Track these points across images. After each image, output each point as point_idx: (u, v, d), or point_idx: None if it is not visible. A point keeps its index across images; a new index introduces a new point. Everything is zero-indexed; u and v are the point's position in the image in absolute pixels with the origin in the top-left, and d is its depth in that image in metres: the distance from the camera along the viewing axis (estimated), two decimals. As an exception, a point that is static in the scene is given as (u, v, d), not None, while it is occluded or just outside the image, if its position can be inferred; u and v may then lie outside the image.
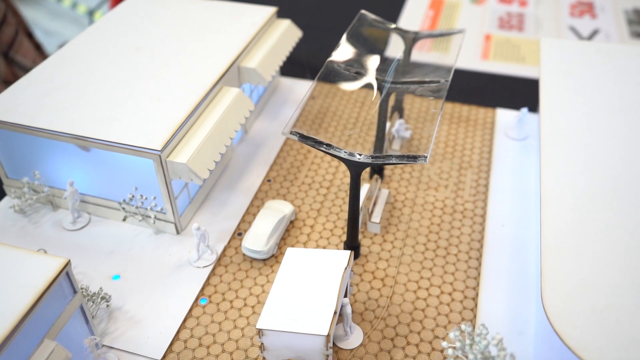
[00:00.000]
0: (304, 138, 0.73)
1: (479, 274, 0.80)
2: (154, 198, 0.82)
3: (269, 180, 0.96)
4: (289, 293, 0.68)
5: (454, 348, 0.58)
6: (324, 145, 0.72)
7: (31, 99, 0.85)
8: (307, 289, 0.68)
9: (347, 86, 0.93)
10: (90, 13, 3.10)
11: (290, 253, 0.73)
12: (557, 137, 0.81)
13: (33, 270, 0.60)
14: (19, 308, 0.57)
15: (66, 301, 0.63)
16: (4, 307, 0.56)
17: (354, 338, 0.72)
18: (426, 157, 0.69)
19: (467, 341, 0.57)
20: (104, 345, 0.71)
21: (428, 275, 0.80)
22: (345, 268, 0.69)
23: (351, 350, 0.71)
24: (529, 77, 1.23)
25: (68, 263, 0.61)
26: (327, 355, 0.65)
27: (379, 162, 0.73)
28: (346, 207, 0.90)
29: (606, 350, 0.56)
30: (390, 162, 0.71)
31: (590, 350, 0.56)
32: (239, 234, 0.86)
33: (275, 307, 0.66)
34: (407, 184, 0.95)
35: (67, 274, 0.62)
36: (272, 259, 0.82)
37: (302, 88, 1.18)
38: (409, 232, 0.86)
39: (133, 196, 0.82)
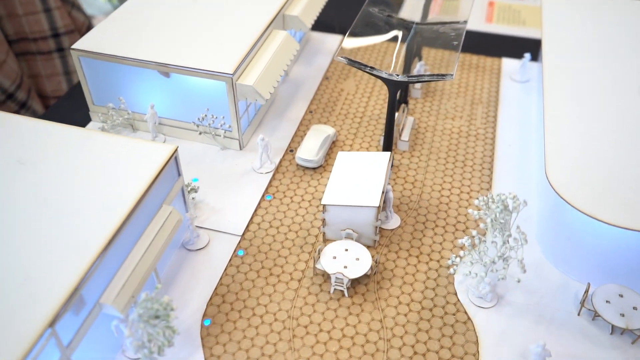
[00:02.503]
0: (351, 62, 0.90)
1: (490, 179, 0.98)
2: (223, 117, 0.99)
3: (311, 112, 1.13)
4: (344, 180, 0.85)
5: (479, 209, 0.75)
6: (369, 68, 0.90)
7: (118, 33, 1.01)
8: (359, 177, 0.85)
9: (379, 30, 1.09)
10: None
11: (341, 155, 0.91)
12: (559, 56, 0.98)
13: (152, 154, 0.76)
14: (146, 179, 0.72)
15: (174, 180, 0.80)
16: (134, 180, 0.72)
17: (393, 222, 0.89)
18: (452, 74, 0.86)
19: (490, 199, 0.74)
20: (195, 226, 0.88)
21: (449, 180, 0.98)
22: (389, 161, 0.87)
23: (392, 229, 0.88)
24: (530, 37, 1.41)
25: (176, 149, 0.78)
26: (376, 227, 0.83)
27: (413, 81, 0.90)
28: (378, 132, 1.08)
29: (593, 199, 0.74)
30: (423, 80, 0.89)
31: (584, 203, 0.74)
32: (290, 150, 1.03)
33: (334, 189, 0.84)
34: (428, 114, 1.12)
35: (176, 158, 0.79)
36: (321, 168, 0.99)
37: (331, 40, 1.35)
38: (432, 150, 1.04)
39: (205, 116, 0.99)
